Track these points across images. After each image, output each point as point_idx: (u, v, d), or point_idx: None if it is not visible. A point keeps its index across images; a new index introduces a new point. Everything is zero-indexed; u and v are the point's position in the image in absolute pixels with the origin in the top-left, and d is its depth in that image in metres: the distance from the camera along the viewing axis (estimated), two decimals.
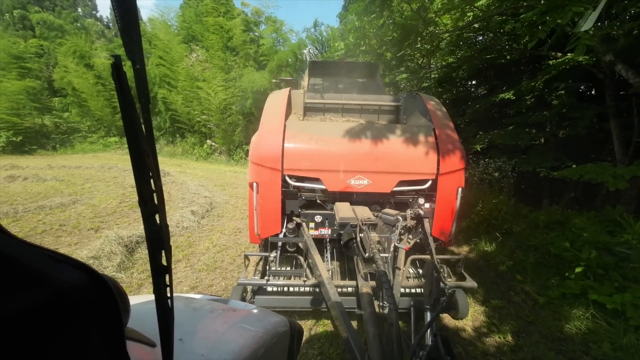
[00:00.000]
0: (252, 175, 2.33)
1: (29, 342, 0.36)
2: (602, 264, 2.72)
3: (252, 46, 12.33)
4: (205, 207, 5.30)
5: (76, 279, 0.40)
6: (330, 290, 1.77)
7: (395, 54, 5.14)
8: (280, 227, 2.42)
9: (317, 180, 2.38)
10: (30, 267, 0.37)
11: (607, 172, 3.17)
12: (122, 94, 0.38)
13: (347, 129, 2.45)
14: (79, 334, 0.40)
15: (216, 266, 3.29)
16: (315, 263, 2.08)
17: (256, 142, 2.36)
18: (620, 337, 2.07)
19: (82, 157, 12.70)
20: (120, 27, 0.37)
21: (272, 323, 0.94)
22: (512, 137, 5.44)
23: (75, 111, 15.90)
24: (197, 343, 0.76)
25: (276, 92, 2.91)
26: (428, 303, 1.33)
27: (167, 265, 0.48)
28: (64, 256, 0.41)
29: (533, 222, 4.05)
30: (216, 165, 11.95)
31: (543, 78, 4.84)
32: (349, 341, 1.34)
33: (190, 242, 3.93)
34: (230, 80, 11.82)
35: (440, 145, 2.37)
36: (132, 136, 0.40)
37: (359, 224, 2.02)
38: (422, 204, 2.49)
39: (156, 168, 0.44)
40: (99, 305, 0.42)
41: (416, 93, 3.04)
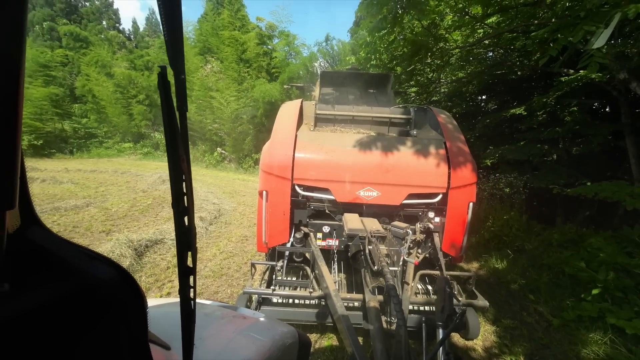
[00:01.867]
0: (262, 183, 2.35)
1: (63, 330, 0.38)
2: (620, 286, 2.61)
3: (265, 59, 12.74)
4: (214, 214, 5.37)
5: (108, 275, 0.42)
6: (337, 303, 1.75)
7: (406, 68, 5.23)
8: (288, 237, 2.41)
9: (327, 191, 2.37)
10: (67, 261, 0.39)
11: (623, 191, 3.09)
12: (165, 102, 0.40)
13: (357, 140, 2.46)
14: (109, 328, 0.42)
15: (222, 273, 3.30)
16: (322, 274, 2.05)
17: (267, 151, 2.37)
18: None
19: (97, 162, 13.11)
20: (167, 39, 0.39)
21: (281, 333, 0.94)
22: (523, 152, 5.37)
23: (93, 117, 16.56)
24: (208, 348, 0.76)
25: (288, 102, 2.97)
26: (440, 320, 1.29)
27: (193, 267, 0.50)
28: (98, 254, 0.43)
29: (546, 240, 3.94)
30: (225, 173, 12.14)
31: (555, 94, 4.81)
32: (355, 357, 1.31)
33: (197, 248, 3.96)
34: (242, 91, 12.17)
35: (451, 159, 2.34)
36: (171, 142, 0.42)
37: (367, 236, 1.99)
38: (432, 218, 2.45)
39: (189, 172, 0.46)
40: (128, 302, 0.44)
41: (427, 106, 3.02)
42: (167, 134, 0.42)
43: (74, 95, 16.82)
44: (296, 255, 2.49)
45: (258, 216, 2.39)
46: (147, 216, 5.27)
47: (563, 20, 2.49)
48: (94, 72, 15.12)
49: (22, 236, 0.38)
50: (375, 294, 1.82)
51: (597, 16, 2.36)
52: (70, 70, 17.22)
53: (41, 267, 0.39)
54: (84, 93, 15.82)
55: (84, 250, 0.42)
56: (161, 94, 0.39)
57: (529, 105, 5.33)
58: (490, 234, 4.46)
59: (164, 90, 0.39)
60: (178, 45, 0.39)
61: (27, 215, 0.39)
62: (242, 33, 12.47)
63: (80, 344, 0.41)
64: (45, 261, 0.39)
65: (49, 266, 0.39)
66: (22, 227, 0.38)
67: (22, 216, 0.38)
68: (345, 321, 1.56)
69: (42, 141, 13.49)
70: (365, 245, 1.98)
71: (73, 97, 16.85)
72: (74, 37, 17.83)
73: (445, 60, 5.71)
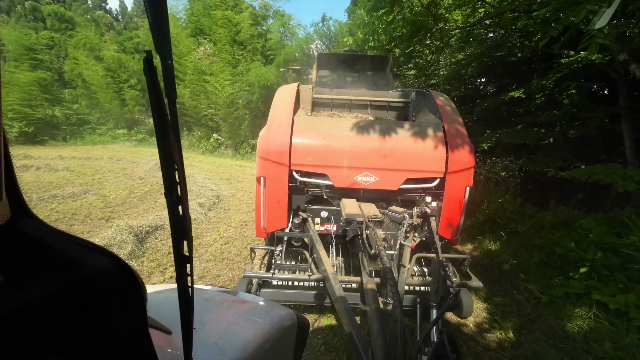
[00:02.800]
0: (259, 169, 2.35)
1: (62, 322, 0.38)
2: (607, 265, 2.72)
3: (259, 40, 12.31)
4: (212, 200, 5.39)
5: (105, 266, 0.41)
6: (335, 285, 1.78)
7: (404, 50, 5.11)
8: (287, 222, 2.43)
9: (324, 176, 2.37)
10: (63, 252, 0.39)
11: (616, 173, 3.14)
12: (153, 89, 0.38)
13: (355, 125, 2.44)
14: (108, 317, 0.42)
15: (223, 257, 3.37)
16: (320, 258, 2.10)
17: (264, 136, 2.36)
18: (622, 337, 2.08)
19: (92, 149, 12.93)
20: (152, 23, 0.37)
21: (280, 316, 0.96)
22: (520, 136, 5.39)
23: (84, 103, 16.12)
24: (209, 332, 0.78)
25: (285, 86, 2.91)
26: (434, 300, 1.34)
27: (189, 255, 0.49)
28: (93, 244, 0.43)
29: (539, 222, 4.04)
30: (222, 159, 12.06)
31: (554, 77, 4.76)
32: (353, 336, 1.34)
33: (197, 233, 4.02)
34: (237, 75, 11.85)
35: (449, 143, 2.33)
36: (160, 129, 0.41)
37: (365, 220, 2.02)
38: (429, 202, 2.47)
39: (181, 161, 0.44)
40: (126, 292, 0.44)
41: (426, 90, 2.99)
42: (157, 122, 0.40)
43: (63, 80, 16.27)
44: (295, 240, 2.52)
45: (256, 202, 2.40)
46: (146, 203, 5.28)
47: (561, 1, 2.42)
48: (83, 56, 14.56)
49: (14, 228, 0.37)
50: (372, 276, 1.85)
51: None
52: (57, 53, 16.54)
53: (36, 259, 0.38)
54: (73, 77, 15.32)
55: (78, 240, 0.42)
56: (148, 81, 0.38)
57: (527, 88, 5.28)
58: (485, 217, 4.55)
59: (150, 76, 0.37)
60: (163, 28, 0.37)
61: (17, 206, 0.38)
62: (235, 13, 11.96)
63: (80, 334, 0.41)
64: (40, 252, 0.38)
65: (44, 257, 0.38)
66: (13, 218, 0.37)
67: (11, 208, 0.37)
68: (343, 302, 1.60)
69: (34, 128, 13.21)
70: (363, 229, 2.00)
71: (62, 81, 16.31)
72: (59, 17, 17.00)
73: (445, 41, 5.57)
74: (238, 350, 0.74)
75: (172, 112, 0.42)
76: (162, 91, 0.39)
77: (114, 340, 0.45)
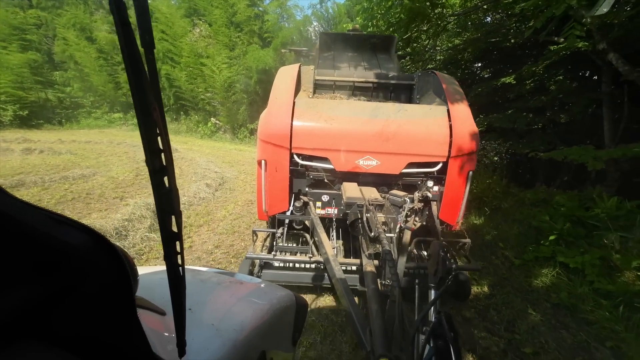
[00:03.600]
0: (260, 152, 2.34)
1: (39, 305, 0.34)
2: (573, 233, 3.12)
3: (256, 22, 12.11)
4: (218, 181, 5.67)
5: (81, 242, 0.37)
6: (335, 267, 1.81)
7: (402, 35, 5.25)
8: (288, 205, 2.44)
9: (325, 160, 2.35)
10: (33, 227, 0.34)
11: (588, 154, 3.49)
12: (124, 35, 0.31)
13: (357, 107, 2.41)
14: (87, 298, 0.38)
15: (234, 230, 3.71)
16: (321, 241, 2.12)
17: (265, 119, 2.33)
18: (577, 289, 2.50)
19: (89, 133, 12.90)
20: None
21: (278, 297, 0.96)
22: (509, 120, 5.69)
23: (77, 86, 15.80)
24: (206, 313, 0.77)
25: (285, 67, 2.82)
26: (433, 281, 1.38)
27: (178, 232, 0.45)
28: (66, 218, 0.38)
29: (520, 200, 4.44)
30: (221, 144, 12.18)
31: (543, 63, 5.00)
32: (352, 316, 1.37)
33: (208, 210, 4.33)
34: (234, 58, 11.75)
35: (453, 127, 2.28)
36: (136, 87, 0.34)
37: (365, 204, 2.02)
38: (430, 187, 2.43)
39: (164, 124, 0.39)
40: (107, 270, 0.39)
41: (432, 71, 2.91)
42: (131, 78, 0.34)
43: (53, 62, 15.85)
44: (296, 223, 2.53)
45: (257, 185, 2.41)
46: None
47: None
48: (73, 36, 14.15)
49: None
50: (372, 259, 1.85)
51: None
52: (45, 33, 15.99)
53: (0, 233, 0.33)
54: (64, 59, 14.94)
55: (48, 213, 0.37)
56: (115, 21, 0.30)
57: (519, 74, 5.52)
58: (472, 196, 4.93)
59: (119, 16, 0.30)
60: None
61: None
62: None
63: (55, 316, 0.37)
64: (4, 226, 0.33)
65: (9, 232, 0.33)
66: None
67: None
68: (343, 283, 1.63)
69: (28, 111, 13.05)
70: (363, 212, 2.01)
71: (52, 63, 15.89)
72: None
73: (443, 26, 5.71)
74: (236, 331, 0.73)
75: (150, 63, 0.36)
76: (137, 37, 0.33)
77: (95, 322, 0.40)
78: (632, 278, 2.46)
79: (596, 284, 2.51)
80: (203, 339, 0.67)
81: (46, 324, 0.36)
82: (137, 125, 0.36)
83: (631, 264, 2.50)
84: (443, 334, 0.87)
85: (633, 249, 2.68)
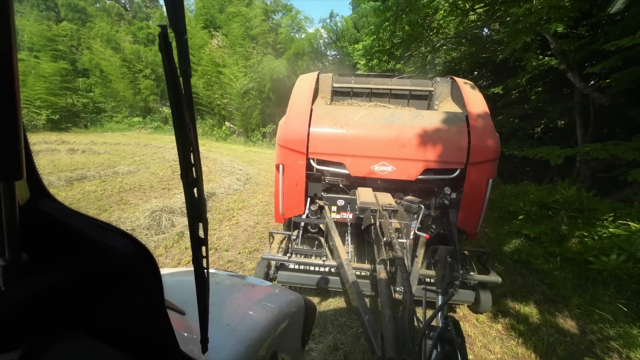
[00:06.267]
0: (278, 157, 2.39)
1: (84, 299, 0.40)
2: (538, 214, 3.98)
3: (270, 34, 13.19)
4: (245, 177, 6.59)
5: (123, 246, 0.41)
6: (349, 271, 1.82)
7: (404, 53, 6.17)
8: (304, 209, 2.47)
9: (341, 165, 2.37)
10: (82, 232, 0.39)
11: (553, 152, 4.35)
12: (168, 66, 0.36)
13: (373, 114, 2.44)
14: (127, 296, 0.43)
15: (267, 213, 4.60)
16: (335, 245, 2.13)
17: (283, 125, 2.38)
18: (534, 251, 3.36)
19: (114, 135, 13.96)
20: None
21: (288, 300, 0.98)
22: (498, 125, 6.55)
23: (98, 91, 16.98)
24: (221, 314, 0.79)
25: (305, 75, 2.90)
26: (440, 287, 1.35)
27: (204, 238, 0.48)
28: (110, 225, 0.42)
29: (503, 192, 5.29)
30: (236, 146, 13.16)
31: (524, 77, 5.89)
32: (364, 320, 1.38)
33: (242, 199, 5.24)
34: (249, 67, 12.81)
35: (472, 134, 2.23)
36: (176, 109, 0.39)
37: (379, 209, 2.02)
38: (448, 194, 2.34)
39: (196, 142, 0.43)
40: (143, 271, 0.44)
41: (451, 77, 2.93)
42: (172, 101, 0.38)
43: (76, 70, 17.08)
44: (311, 227, 2.54)
45: (275, 188, 2.46)
46: None
47: (512, 30, 3.55)
48: (101, 47, 15.37)
49: (34, 208, 0.37)
50: (387, 265, 1.82)
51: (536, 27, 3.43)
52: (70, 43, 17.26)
53: (56, 238, 0.39)
54: (90, 67, 16.13)
55: (95, 221, 0.41)
56: (163, 57, 0.36)
57: (505, 85, 6.42)
58: None
59: (165, 52, 0.35)
60: (178, 2, 0.36)
61: (36, 187, 0.38)
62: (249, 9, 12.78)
63: (100, 312, 0.42)
64: (60, 232, 0.38)
65: (64, 237, 0.38)
66: (32, 199, 0.37)
67: (30, 188, 0.38)
68: (356, 288, 1.65)
69: (59, 116, 14.18)
70: (377, 218, 2.01)
71: (75, 71, 17.11)
72: (72, 7, 17.59)
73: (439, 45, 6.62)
74: (249, 331, 0.76)
75: (187, 90, 0.40)
76: (177, 68, 0.38)
77: (133, 318, 0.45)
78: (574, 242, 3.30)
79: (548, 248, 3.36)
80: (220, 337, 0.70)
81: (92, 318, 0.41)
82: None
83: (574, 233, 3.35)
84: (450, 339, 0.88)
85: (580, 224, 3.53)
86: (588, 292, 2.63)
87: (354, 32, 13.89)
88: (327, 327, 2.22)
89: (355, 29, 14.13)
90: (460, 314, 2.46)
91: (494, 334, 2.23)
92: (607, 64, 3.68)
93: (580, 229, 3.39)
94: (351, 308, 2.36)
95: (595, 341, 2.19)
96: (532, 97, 6.16)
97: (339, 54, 14.73)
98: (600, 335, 2.23)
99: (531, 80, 6.20)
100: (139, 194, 5.13)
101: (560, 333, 2.26)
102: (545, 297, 2.68)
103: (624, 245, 2.74)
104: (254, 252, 3.35)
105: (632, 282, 2.53)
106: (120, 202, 4.63)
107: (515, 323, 2.33)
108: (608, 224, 3.22)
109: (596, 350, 2.10)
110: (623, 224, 3.09)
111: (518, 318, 2.39)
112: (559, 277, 2.86)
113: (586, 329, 2.30)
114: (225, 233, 3.81)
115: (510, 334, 2.23)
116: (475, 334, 2.23)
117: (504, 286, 2.83)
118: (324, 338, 2.10)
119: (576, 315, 2.44)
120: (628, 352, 2.04)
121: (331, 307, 2.44)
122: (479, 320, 2.37)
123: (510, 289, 2.79)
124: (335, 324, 2.26)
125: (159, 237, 3.51)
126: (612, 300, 2.50)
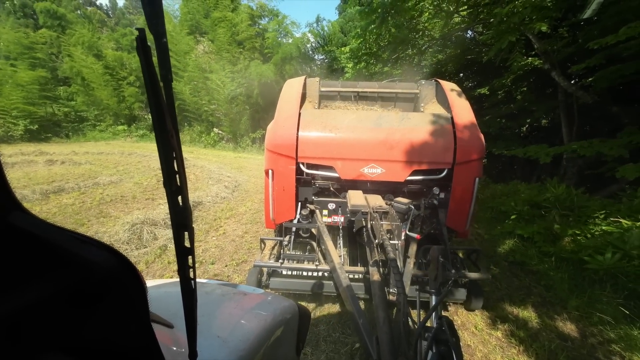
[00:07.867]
0: (267, 162, 2.37)
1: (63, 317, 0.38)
2: (530, 213, 3.95)
3: (257, 40, 13.10)
4: (233, 184, 6.40)
5: (103, 259, 0.40)
6: (341, 275, 1.82)
7: (390, 55, 6.17)
8: (295, 214, 2.46)
9: (331, 168, 2.38)
10: (59, 246, 0.37)
11: (542, 151, 4.37)
12: (147, 71, 0.35)
13: (361, 117, 2.45)
14: (109, 311, 0.41)
15: (256, 221, 4.43)
16: (327, 249, 2.13)
17: (272, 130, 2.37)
18: (527, 251, 3.31)
19: (97, 145, 13.47)
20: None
21: (282, 308, 0.97)
22: (485, 125, 6.61)
23: (80, 100, 16.45)
24: (211, 325, 0.78)
25: (292, 80, 2.90)
26: (433, 287, 1.35)
27: (190, 247, 0.47)
28: (89, 238, 0.40)
29: (494, 191, 5.29)
30: (225, 152, 12.92)
31: (509, 77, 5.96)
32: (358, 323, 1.37)
33: (230, 207, 5.05)
34: (236, 72, 12.65)
35: (457, 134, 2.28)
36: (157, 116, 0.37)
37: (369, 211, 2.03)
38: (437, 194, 2.40)
39: (179, 149, 0.42)
40: (126, 285, 0.42)
41: (435, 80, 2.96)
42: (153, 107, 0.37)
43: (56, 78, 16.52)
44: (303, 231, 2.53)
45: (265, 194, 2.44)
46: None
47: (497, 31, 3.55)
48: (82, 54, 14.92)
49: (3, 221, 0.35)
50: (379, 267, 1.83)
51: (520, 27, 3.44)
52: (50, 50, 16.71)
53: (31, 253, 0.36)
54: (72, 75, 15.63)
55: (73, 234, 0.39)
56: (142, 62, 0.35)
57: (491, 85, 6.49)
58: None
59: (144, 57, 0.34)
60: (156, 4, 0.34)
61: (6, 199, 0.36)
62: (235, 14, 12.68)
63: (82, 329, 0.40)
64: (34, 247, 0.36)
65: (39, 252, 0.36)
66: (2, 212, 0.35)
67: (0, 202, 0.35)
68: (349, 291, 1.64)
69: (38, 126, 13.62)
70: (368, 220, 2.03)
71: (56, 79, 16.55)
72: (51, 14, 17.10)
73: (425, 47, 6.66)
74: (241, 341, 0.74)
75: (169, 95, 0.39)
76: (158, 73, 0.36)
77: (116, 334, 0.43)
78: (567, 241, 3.27)
79: (542, 248, 3.32)
80: (211, 349, 0.68)
81: (71, 336, 0.39)
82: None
83: (567, 232, 3.32)
84: (445, 339, 0.89)
85: (572, 222, 3.51)
86: (585, 292, 2.58)
87: (341, 36, 13.96)
88: (320, 344, 2.07)
89: (342, 33, 14.21)
90: (458, 321, 2.36)
91: (494, 343, 2.14)
92: (591, 62, 3.73)
93: (572, 227, 3.37)
94: (345, 312, 2.31)
95: (597, 345, 2.12)
96: (518, 97, 6.25)
97: (327, 58, 14.77)
98: (601, 338, 2.17)
99: (516, 81, 6.29)
100: (121, 206, 4.88)
101: (561, 338, 2.18)
102: (543, 299, 2.62)
103: (617, 243, 2.71)
104: (242, 264, 3.17)
105: (629, 281, 2.50)
106: (100, 215, 4.38)
107: (515, 329, 2.25)
108: (600, 221, 3.21)
109: (598, 354, 2.03)
110: (615, 221, 3.07)
111: (517, 324, 2.31)
112: (555, 278, 2.80)
113: (586, 332, 2.24)
114: (211, 244, 3.63)
115: (510, 342, 2.14)
116: (475, 343, 2.13)
117: (500, 290, 2.76)
118: (316, 357, 1.96)
119: (575, 317, 2.38)
120: (630, 355, 1.98)
121: (324, 319, 2.32)
122: (478, 328, 2.27)
123: (507, 292, 2.71)
124: (328, 340, 2.11)
125: (140, 252, 3.30)
126: (610, 300, 2.45)
